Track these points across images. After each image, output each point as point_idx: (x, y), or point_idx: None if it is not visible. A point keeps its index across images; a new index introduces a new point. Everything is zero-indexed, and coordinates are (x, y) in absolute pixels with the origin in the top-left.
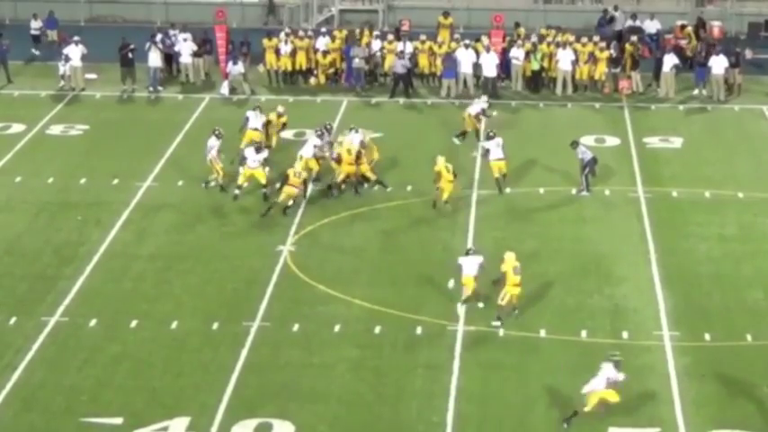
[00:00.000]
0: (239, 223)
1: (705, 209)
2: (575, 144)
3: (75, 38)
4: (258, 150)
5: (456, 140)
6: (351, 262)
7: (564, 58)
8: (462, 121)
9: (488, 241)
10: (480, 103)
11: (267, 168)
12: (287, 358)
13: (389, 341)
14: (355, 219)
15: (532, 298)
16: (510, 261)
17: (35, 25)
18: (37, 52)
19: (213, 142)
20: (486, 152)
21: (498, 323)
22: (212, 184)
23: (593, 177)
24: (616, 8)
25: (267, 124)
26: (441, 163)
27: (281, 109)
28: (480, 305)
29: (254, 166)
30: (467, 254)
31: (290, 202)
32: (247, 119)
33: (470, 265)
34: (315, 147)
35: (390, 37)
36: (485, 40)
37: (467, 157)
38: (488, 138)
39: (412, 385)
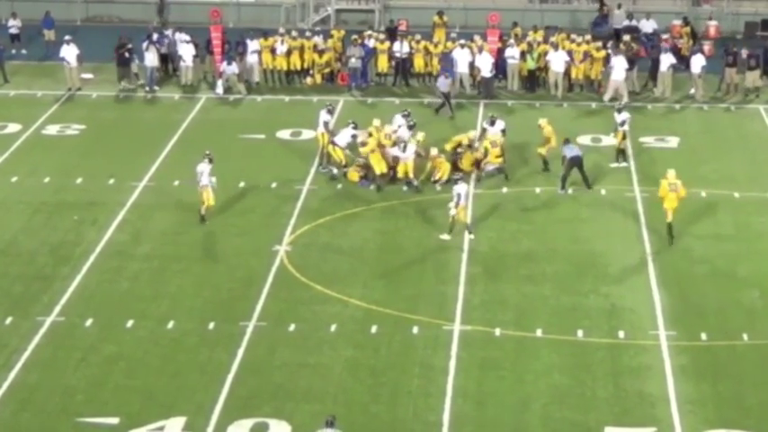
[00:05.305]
0: (235, 223)
1: (701, 208)
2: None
3: (67, 37)
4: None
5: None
6: (347, 262)
7: (555, 60)
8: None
9: (485, 241)
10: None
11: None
12: (283, 358)
13: (386, 341)
14: (351, 219)
15: (529, 298)
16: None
17: (13, 23)
18: (23, 51)
19: (203, 167)
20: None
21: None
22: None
23: (569, 175)
24: (619, 6)
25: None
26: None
27: (377, 122)
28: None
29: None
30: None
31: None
32: (326, 122)
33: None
34: (351, 137)
35: (382, 36)
36: (478, 40)
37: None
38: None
39: (408, 385)
